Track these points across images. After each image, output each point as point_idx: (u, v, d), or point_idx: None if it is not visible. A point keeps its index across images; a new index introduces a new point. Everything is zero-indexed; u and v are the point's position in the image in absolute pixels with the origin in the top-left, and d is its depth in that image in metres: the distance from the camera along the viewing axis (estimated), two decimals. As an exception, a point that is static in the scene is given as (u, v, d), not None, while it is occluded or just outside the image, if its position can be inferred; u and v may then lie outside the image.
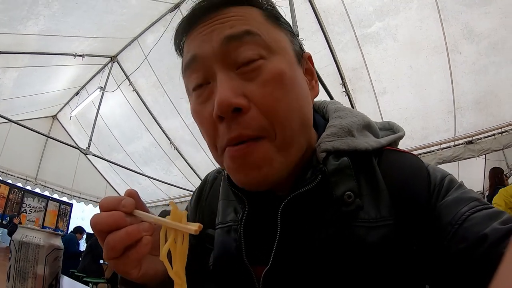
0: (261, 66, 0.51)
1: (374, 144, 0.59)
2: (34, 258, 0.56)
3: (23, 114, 6.63)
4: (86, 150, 5.55)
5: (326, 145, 0.56)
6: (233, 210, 0.66)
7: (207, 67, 0.52)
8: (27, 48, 4.71)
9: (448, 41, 3.97)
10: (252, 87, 0.50)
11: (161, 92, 6.01)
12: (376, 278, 0.51)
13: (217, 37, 0.51)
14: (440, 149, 4.76)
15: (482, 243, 0.43)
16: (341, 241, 0.52)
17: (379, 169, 0.58)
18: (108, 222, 0.47)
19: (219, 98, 0.48)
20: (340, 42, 4.44)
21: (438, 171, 0.57)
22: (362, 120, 0.64)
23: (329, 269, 0.52)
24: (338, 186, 0.54)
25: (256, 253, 0.58)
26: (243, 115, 0.49)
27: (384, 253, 0.51)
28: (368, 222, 0.52)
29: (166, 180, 7.28)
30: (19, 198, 7.37)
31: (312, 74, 0.63)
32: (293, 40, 0.59)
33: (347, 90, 4.69)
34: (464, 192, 0.52)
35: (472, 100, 4.33)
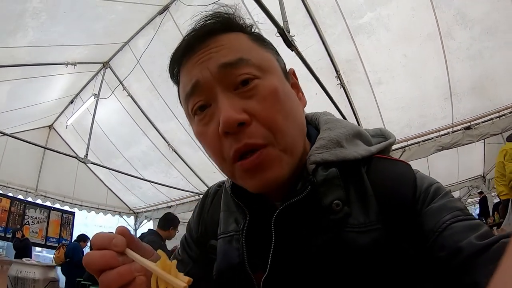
0: (257, 85, 0.56)
1: (363, 153, 0.62)
2: None
3: (19, 126, 6.60)
4: (84, 158, 5.53)
5: (315, 157, 0.60)
6: (234, 220, 0.68)
7: (208, 91, 0.56)
8: (18, 61, 4.68)
9: (441, 28, 3.95)
10: (251, 103, 0.55)
11: (156, 95, 5.99)
12: (370, 281, 0.53)
13: (214, 64, 0.56)
14: (439, 136, 4.77)
15: (457, 255, 0.46)
16: (333, 247, 0.55)
17: (367, 177, 0.60)
18: (99, 263, 0.47)
19: (224, 116, 0.53)
20: (332, 34, 4.42)
21: (425, 178, 0.59)
22: (351, 130, 0.66)
23: (324, 274, 0.55)
24: (327, 195, 0.57)
25: (256, 261, 0.61)
26: (246, 128, 0.54)
27: (375, 256, 0.53)
28: (358, 227, 0.55)
29: (166, 183, 7.29)
30: (21, 210, 7.39)
31: (298, 87, 0.68)
32: (278, 58, 0.64)
33: (342, 82, 4.67)
34: (449, 201, 0.54)
35: (468, 85, 4.34)
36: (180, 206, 8.22)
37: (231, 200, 0.69)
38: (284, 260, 0.58)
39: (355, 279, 0.53)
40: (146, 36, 5.24)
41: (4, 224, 7.01)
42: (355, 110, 4.87)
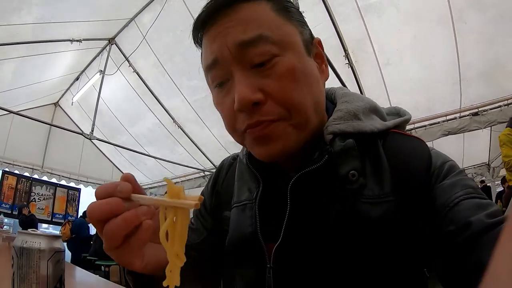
0: (275, 63, 0.55)
1: (379, 127, 0.62)
2: (36, 264, 0.57)
3: (25, 104, 6.62)
4: (89, 135, 5.57)
5: (333, 128, 0.60)
6: (248, 189, 0.69)
7: (226, 68, 0.56)
8: (23, 38, 4.64)
9: (454, 10, 3.83)
10: (267, 82, 0.54)
11: (162, 71, 5.94)
12: (380, 253, 0.54)
13: (232, 41, 0.55)
14: (446, 120, 4.72)
15: (465, 230, 0.47)
16: (347, 217, 0.56)
17: (383, 150, 0.61)
18: (104, 210, 0.45)
19: (239, 96, 0.53)
20: (342, 12, 4.31)
21: (440, 155, 0.60)
22: (368, 104, 0.66)
23: (336, 244, 0.55)
24: (343, 165, 0.58)
25: (268, 230, 0.62)
26: (260, 107, 0.54)
27: (387, 227, 0.54)
28: (372, 198, 0.56)
29: (172, 159, 7.32)
30: (27, 188, 7.51)
31: (322, 58, 0.66)
32: (302, 30, 0.61)
33: (350, 62, 4.59)
34: (462, 178, 0.55)
35: (478, 71, 4.24)
36: (185, 182, 8.25)
37: (245, 169, 0.71)
38: (297, 229, 0.59)
39: (366, 250, 0.54)
40: (152, 12, 5.16)
41: (11, 202, 7.14)
42: (362, 90, 4.80)
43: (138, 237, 0.47)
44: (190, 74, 5.62)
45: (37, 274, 0.55)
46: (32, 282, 0.55)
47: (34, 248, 0.56)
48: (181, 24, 5.02)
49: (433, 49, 4.25)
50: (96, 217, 0.46)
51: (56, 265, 0.59)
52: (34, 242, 0.57)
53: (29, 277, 0.55)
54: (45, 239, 0.58)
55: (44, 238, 0.58)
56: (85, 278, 1.37)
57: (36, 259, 0.56)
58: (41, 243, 0.57)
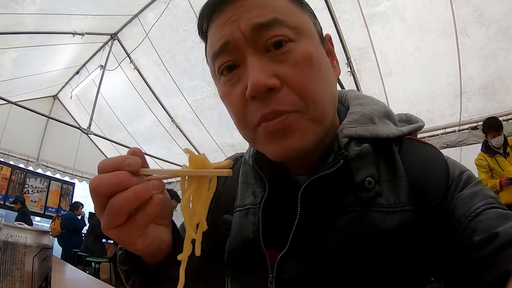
0: (291, 48, 0.52)
1: (395, 132, 0.60)
2: (21, 260, 0.53)
3: (24, 94, 6.58)
4: (87, 129, 5.53)
5: (348, 131, 0.58)
6: (252, 193, 0.66)
7: (238, 52, 0.53)
8: (25, 28, 4.62)
9: (458, 24, 3.85)
10: (283, 68, 0.52)
11: (163, 70, 5.93)
12: (390, 264, 0.52)
13: (246, 24, 0.52)
14: (445, 133, 4.72)
15: (492, 241, 0.45)
16: (360, 226, 0.53)
17: (399, 157, 0.59)
18: (112, 183, 0.41)
19: (253, 80, 0.50)
20: (346, 20, 4.32)
21: (457, 165, 0.58)
22: (383, 108, 0.64)
23: (345, 254, 0.53)
24: (359, 172, 0.55)
25: (272, 237, 0.59)
26: (276, 94, 0.51)
27: (400, 238, 0.52)
28: (387, 207, 0.54)
29: (168, 159, 7.28)
30: (21, 179, 7.44)
31: (333, 55, 0.64)
32: (315, 22, 0.60)
33: (352, 70, 4.60)
34: (481, 188, 0.53)
35: (479, 85, 4.25)
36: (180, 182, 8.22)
37: (250, 172, 0.68)
38: (306, 237, 0.56)
39: (378, 261, 0.52)
40: (156, 9, 5.14)
41: (4, 192, 7.06)
42: (363, 99, 4.79)
43: (147, 213, 0.43)
44: (191, 74, 5.63)
45: (21, 271, 0.52)
46: (16, 279, 0.51)
47: (19, 243, 0.53)
48: (185, 23, 5.03)
49: (436, 62, 4.26)
50: (101, 191, 0.42)
51: (43, 263, 0.55)
52: (20, 236, 0.53)
53: (13, 274, 0.51)
54: (32, 234, 0.55)
55: (31, 233, 0.55)
56: (74, 275, 1.34)
57: (22, 255, 0.52)
58: (28, 238, 0.54)
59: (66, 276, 1.29)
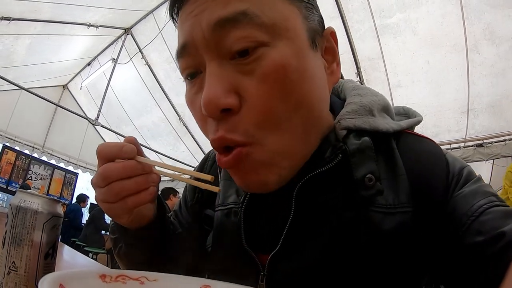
0: (261, 56, 0.43)
1: (394, 126, 0.55)
2: (31, 225, 0.54)
3: (34, 82, 6.60)
4: (94, 120, 5.56)
5: (347, 122, 0.52)
6: (235, 191, 0.60)
7: (198, 55, 0.46)
8: (41, 16, 4.65)
9: (469, 40, 3.86)
10: (247, 81, 0.43)
11: (174, 67, 5.93)
12: (386, 266, 0.48)
13: (207, 19, 0.43)
14: (450, 149, 4.69)
15: (499, 241, 0.41)
16: (356, 227, 0.49)
17: (398, 153, 0.54)
18: (121, 174, 0.49)
19: (205, 97, 0.43)
20: (358, 30, 4.35)
21: (456, 160, 0.55)
22: (382, 101, 0.59)
23: (340, 255, 0.49)
24: (359, 167, 0.50)
25: (258, 238, 0.55)
26: (232, 116, 0.44)
27: (398, 241, 0.48)
28: (386, 207, 0.49)
29: (173, 156, 7.27)
30: (25, 165, 7.44)
31: (334, 54, 0.54)
32: (308, 15, 0.49)
33: (361, 80, 4.61)
34: (482, 185, 0.50)
35: (487, 102, 4.25)
36: (184, 182, 8.22)
37: None
38: (299, 237, 0.52)
39: (374, 263, 0.48)
40: (171, 7, 5.18)
41: (7, 177, 7.08)
42: (371, 110, 4.79)
43: (140, 198, 0.51)
44: (201, 73, 5.63)
45: (30, 236, 0.53)
46: (25, 243, 0.52)
47: (31, 208, 0.55)
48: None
49: (445, 76, 4.26)
50: (111, 179, 0.49)
51: (52, 230, 0.56)
52: (33, 202, 0.55)
53: (22, 237, 0.52)
54: (44, 201, 0.57)
55: (44, 200, 0.57)
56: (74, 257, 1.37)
57: (33, 220, 0.54)
58: (40, 204, 0.56)
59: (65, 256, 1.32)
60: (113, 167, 0.49)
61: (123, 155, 0.49)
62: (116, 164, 0.49)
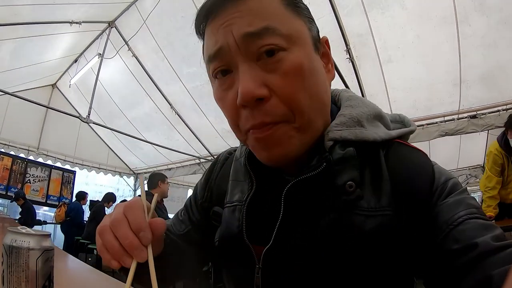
0: (282, 58, 0.53)
1: (383, 136, 0.61)
2: (25, 262, 0.57)
3: (23, 84, 6.56)
4: (86, 118, 5.53)
5: (334, 134, 0.59)
6: (240, 190, 0.69)
7: (231, 58, 0.55)
8: (22, 19, 4.57)
9: (458, 12, 3.80)
10: (273, 77, 0.53)
11: (161, 57, 5.89)
12: (370, 266, 0.54)
13: (238, 32, 0.53)
14: (444, 121, 4.73)
15: (471, 251, 0.46)
16: (340, 227, 0.55)
17: (385, 161, 0.60)
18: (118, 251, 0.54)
19: (242, 89, 0.52)
20: (345, 7, 4.26)
21: (443, 172, 0.59)
22: (373, 110, 0.65)
23: (325, 253, 0.55)
24: (341, 175, 0.56)
25: (258, 233, 0.62)
26: (264, 103, 0.53)
27: (379, 241, 0.54)
28: (367, 210, 0.55)
29: (168, 145, 7.32)
30: (22, 169, 7.47)
31: (328, 58, 0.65)
32: (311, 27, 0.60)
33: (351, 57, 4.56)
34: (466, 197, 0.54)
35: (479, 74, 4.24)
36: (180, 169, 8.31)
37: (241, 169, 0.70)
38: (288, 234, 0.58)
39: (356, 261, 0.54)
40: (154, -4, 5.07)
41: (5, 183, 7.11)
42: (362, 86, 4.79)
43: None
44: (189, 60, 5.58)
45: (26, 273, 0.56)
46: (21, 280, 0.55)
47: (23, 247, 0.57)
48: (183, 10, 4.97)
49: (436, 50, 4.23)
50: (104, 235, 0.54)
51: (45, 263, 0.60)
52: (24, 241, 0.57)
53: (19, 275, 0.55)
54: (34, 238, 0.59)
55: (34, 236, 0.59)
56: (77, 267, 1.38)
57: (26, 258, 0.57)
58: (30, 242, 0.58)
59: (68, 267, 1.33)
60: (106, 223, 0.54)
61: (139, 238, 0.53)
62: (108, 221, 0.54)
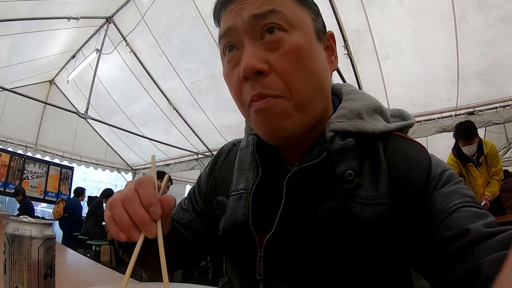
0: (282, 38, 0.57)
1: (382, 128, 0.64)
2: (27, 251, 0.58)
3: (20, 81, 6.53)
4: (84, 114, 5.52)
5: (334, 125, 0.61)
6: (245, 179, 0.71)
7: (238, 37, 0.59)
8: (20, 15, 4.55)
9: (457, 9, 3.81)
10: (273, 56, 0.57)
11: (159, 52, 5.88)
12: (368, 254, 0.56)
13: (246, 13, 0.58)
14: (441, 117, 4.74)
15: (463, 237, 0.48)
16: (339, 215, 0.57)
17: (383, 152, 0.62)
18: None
19: (245, 62, 0.56)
20: (344, 3, 4.25)
21: (440, 163, 0.61)
22: (373, 104, 0.68)
23: (325, 240, 0.57)
24: (340, 164, 0.59)
25: (262, 221, 0.64)
26: (264, 77, 0.56)
27: (377, 228, 0.56)
28: (366, 199, 0.57)
29: (166, 141, 7.32)
30: (20, 165, 7.45)
31: (333, 51, 0.68)
32: (315, 19, 0.64)
33: (349, 52, 4.56)
34: (461, 187, 0.56)
35: (477, 71, 4.24)
36: (178, 164, 8.32)
37: (247, 158, 0.73)
38: (289, 222, 0.61)
39: (355, 248, 0.56)
40: (152, -9, 5.05)
41: (3, 179, 7.08)
42: (360, 81, 4.79)
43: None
44: (187, 56, 5.60)
45: (28, 261, 0.56)
46: (23, 268, 0.55)
47: (25, 235, 0.57)
48: (181, 6, 4.98)
49: (434, 46, 4.23)
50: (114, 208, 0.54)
51: (47, 252, 0.59)
52: (26, 229, 0.58)
53: (21, 263, 0.55)
54: (36, 226, 0.59)
55: (36, 225, 0.59)
56: (77, 260, 1.38)
57: (28, 246, 0.56)
58: (32, 230, 0.58)
59: (68, 261, 1.34)
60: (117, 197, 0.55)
61: (149, 213, 0.53)
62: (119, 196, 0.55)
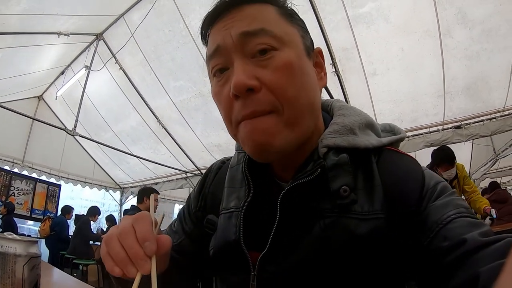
0: (273, 55, 0.57)
1: (374, 143, 0.63)
2: (11, 269, 0.55)
3: (8, 95, 6.44)
4: (72, 131, 5.45)
5: (327, 141, 0.61)
6: (237, 197, 0.70)
7: (227, 55, 0.58)
8: (10, 28, 4.53)
9: (441, 25, 3.92)
10: (264, 72, 0.56)
11: (148, 70, 5.89)
12: (363, 269, 0.55)
13: (236, 31, 0.57)
14: (429, 132, 4.81)
15: (460, 247, 0.47)
16: (335, 231, 0.56)
17: (377, 167, 0.62)
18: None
19: (235, 80, 0.55)
20: (331, 21, 4.34)
21: (433, 176, 0.61)
22: (364, 119, 0.68)
23: (321, 257, 0.56)
24: (335, 180, 0.58)
25: (254, 239, 0.63)
26: (255, 94, 0.56)
27: (373, 243, 0.55)
28: (361, 214, 0.57)
29: (154, 159, 7.25)
30: (6, 182, 7.27)
31: (322, 67, 0.68)
32: (304, 36, 0.64)
33: (337, 70, 4.62)
34: (455, 199, 0.56)
35: (463, 85, 4.34)
36: (167, 183, 8.25)
37: (237, 176, 0.72)
38: (284, 239, 0.60)
39: (350, 264, 0.55)
40: (142, 9, 5.09)
41: (-11, 195, 6.91)
42: (347, 98, 4.85)
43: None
44: (176, 74, 5.63)
45: (12, 279, 0.54)
46: (7, 286, 0.53)
47: (9, 252, 0.55)
48: (170, 24, 5.03)
49: (420, 62, 4.32)
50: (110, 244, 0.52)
51: (32, 270, 0.57)
52: (10, 247, 0.55)
53: (4, 281, 0.53)
54: (21, 244, 0.57)
55: (20, 243, 0.57)
56: (62, 280, 1.35)
57: (12, 264, 0.55)
58: (17, 248, 0.56)
59: (54, 280, 1.30)
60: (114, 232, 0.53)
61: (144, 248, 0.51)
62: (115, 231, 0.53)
